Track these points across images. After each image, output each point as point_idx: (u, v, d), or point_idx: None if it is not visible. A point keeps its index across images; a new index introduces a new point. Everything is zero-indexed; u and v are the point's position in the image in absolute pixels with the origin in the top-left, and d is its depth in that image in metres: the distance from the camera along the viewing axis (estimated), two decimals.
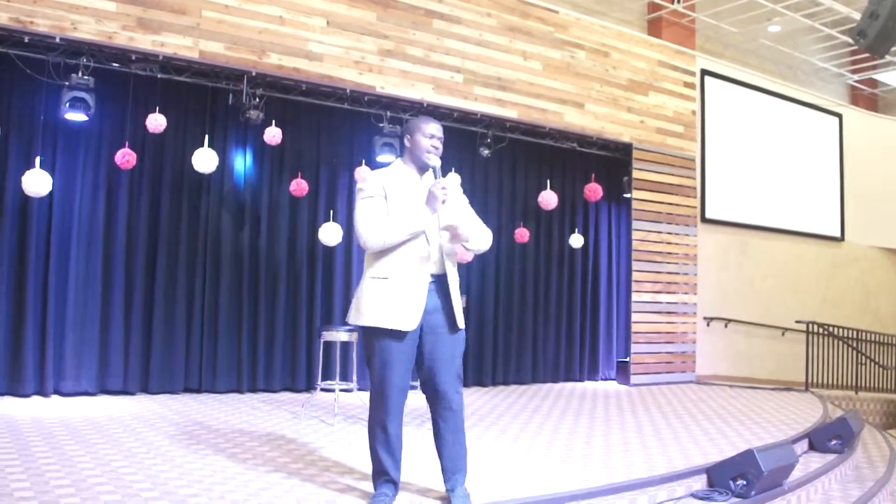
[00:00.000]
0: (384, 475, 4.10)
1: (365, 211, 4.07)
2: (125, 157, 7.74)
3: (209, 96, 8.57)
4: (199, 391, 8.40)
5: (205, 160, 8.06)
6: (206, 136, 8.25)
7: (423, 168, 4.23)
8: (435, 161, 4.18)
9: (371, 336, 4.11)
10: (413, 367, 4.16)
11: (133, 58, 7.68)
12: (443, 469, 4.18)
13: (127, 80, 7.94)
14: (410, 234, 4.03)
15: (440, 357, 4.12)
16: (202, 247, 8.55)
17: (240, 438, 5.92)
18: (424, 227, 4.06)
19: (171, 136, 8.31)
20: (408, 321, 4.01)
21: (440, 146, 4.24)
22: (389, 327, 4.02)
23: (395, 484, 4.12)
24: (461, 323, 4.18)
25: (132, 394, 8.02)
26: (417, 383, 4.33)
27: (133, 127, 8.03)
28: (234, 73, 8.15)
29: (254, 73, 8.12)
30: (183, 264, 8.42)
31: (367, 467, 4.95)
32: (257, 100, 8.27)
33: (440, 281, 4.16)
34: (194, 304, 8.47)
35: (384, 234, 4.01)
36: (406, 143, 4.24)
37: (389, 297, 4.04)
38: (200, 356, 8.45)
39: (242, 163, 8.86)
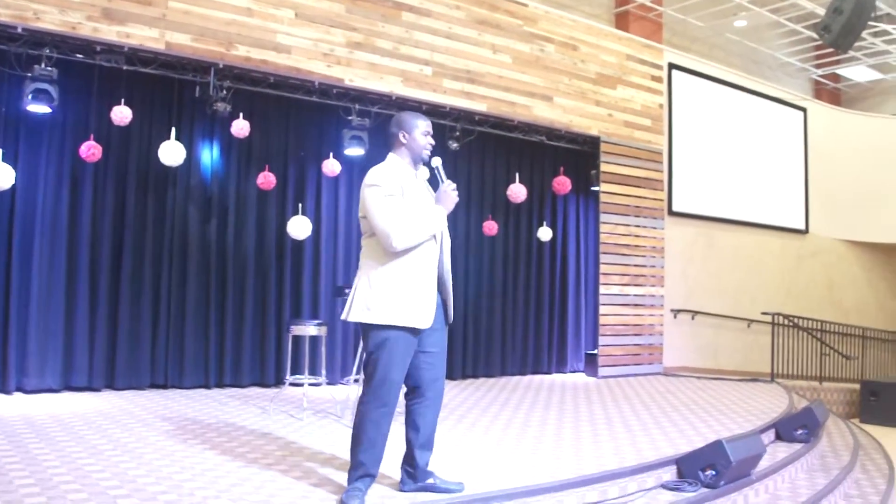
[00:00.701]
0: (362, 468, 4.06)
1: (389, 210, 4.03)
2: (90, 150, 7.63)
3: (176, 88, 8.46)
4: (165, 387, 8.31)
5: (171, 153, 7.96)
6: (173, 129, 8.13)
7: (416, 163, 4.30)
8: (436, 161, 4.31)
9: (380, 333, 4.05)
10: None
11: (98, 49, 7.56)
12: (419, 448, 4.23)
13: (91, 71, 7.83)
14: (432, 234, 4.12)
15: (441, 349, 4.27)
16: (168, 240, 8.45)
17: (208, 434, 5.87)
18: (444, 227, 4.20)
19: (137, 128, 8.20)
20: (425, 319, 4.06)
21: (433, 142, 4.34)
22: (408, 325, 4.03)
23: (371, 477, 4.11)
24: (451, 316, 4.32)
25: (97, 390, 7.91)
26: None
27: (98, 119, 7.92)
28: (201, 64, 8.05)
29: (221, 65, 8.03)
30: (149, 258, 8.32)
31: (338, 461, 4.95)
32: (224, 92, 8.18)
33: (441, 277, 4.25)
34: (160, 299, 8.37)
35: (412, 234, 4.03)
36: (402, 139, 4.26)
37: (406, 296, 4.04)
38: (167, 351, 8.36)
39: (209, 156, 8.76)
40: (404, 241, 4.00)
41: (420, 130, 4.27)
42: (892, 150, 16.15)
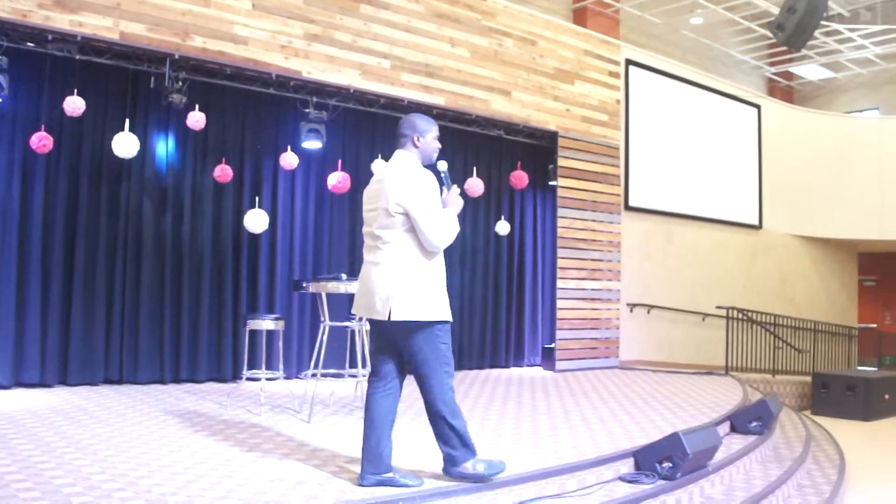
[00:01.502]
0: (471, 441, 4.33)
1: (438, 211, 4.25)
2: (41, 141, 7.48)
3: (130, 79, 8.33)
4: (119, 382, 8.20)
5: (125, 145, 7.83)
6: (127, 120, 8.00)
7: (424, 164, 4.42)
8: (442, 165, 4.50)
9: (435, 329, 4.24)
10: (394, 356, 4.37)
11: (49, 38, 7.41)
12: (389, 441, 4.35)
13: (43, 60, 7.68)
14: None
15: None
16: (123, 234, 8.33)
17: (164, 430, 5.79)
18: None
19: (90, 119, 8.06)
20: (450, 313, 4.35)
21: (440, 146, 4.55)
22: (449, 319, 4.32)
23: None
24: None
25: (50, 386, 7.78)
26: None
27: (50, 109, 7.79)
28: (157, 55, 7.93)
29: (177, 56, 7.92)
30: (102, 252, 8.19)
31: (296, 455, 4.92)
32: (180, 83, 8.07)
33: None
34: (114, 293, 8.25)
35: (452, 234, 4.33)
36: (416, 141, 4.40)
37: (441, 292, 4.33)
38: (121, 346, 8.24)
39: (165, 148, 8.65)
40: (447, 241, 4.29)
41: (433, 135, 4.45)
42: (843, 147, 16.44)
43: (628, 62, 12.70)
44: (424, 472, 4.53)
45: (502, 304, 11.59)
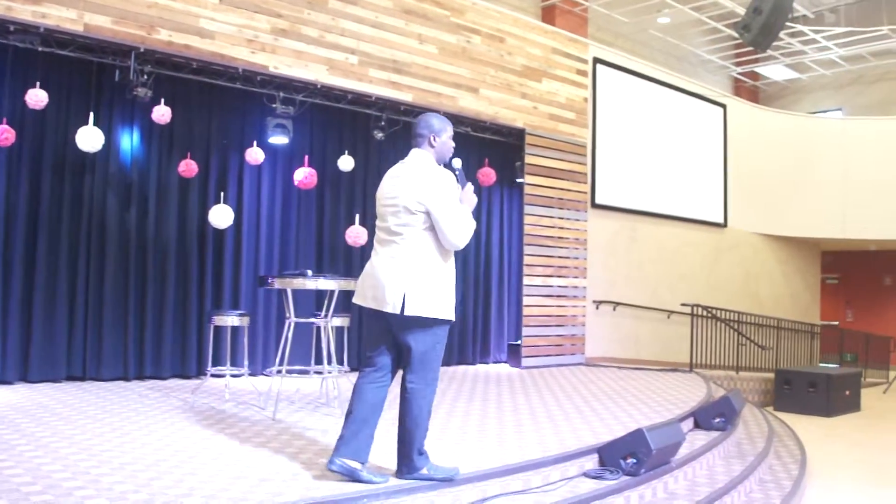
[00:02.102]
0: (423, 446, 4.39)
1: (458, 211, 4.32)
2: (3, 134, 7.38)
3: (94, 72, 8.24)
4: (83, 379, 8.11)
5: (89, 138, 7.74)
6: (91, 114, 7.91)
7: (439, 163, 4.50)
8: (457, 162, 4.53)
9: (441, 327, 4.38)
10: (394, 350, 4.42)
11: (11, 29, 7.28)
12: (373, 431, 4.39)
13: (4, 52, 7.57)
14: None
15: None
16: (86, 229, 8.24)
17: (127, 427, 5.74)
18: None
19: (54, 112, 7.96)
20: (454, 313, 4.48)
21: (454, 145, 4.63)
22: (453, 319, 4.46)
23: None
24: None
25: (10, 383, 7.68)
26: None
27: (12, 102, 7.68)
28: (122, 48, 7.84)
29: (142, 49, 7.83)
30: (65, 247, 8.10)
31: (259, 453, 4.90)
32: (146, 77, 7.98)
33: None
34: (77, 289, 8.16)
35: (469, 234, 4.40)
36: (432, 141, 4.46)
37: (452, 292, 4.46)
38: (84, 343, 8.16)
39: (129, 142, 8.57)
40: (466, 240, 4.37)
41: (448, 134, 4.52)
42: (807, 147, 16.63)
43: (596, 60, 12.75)
44: (388, 470, 4.52)
45: (469, 300, 11.61)
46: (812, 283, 18.74)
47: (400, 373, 4.43)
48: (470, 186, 4.49)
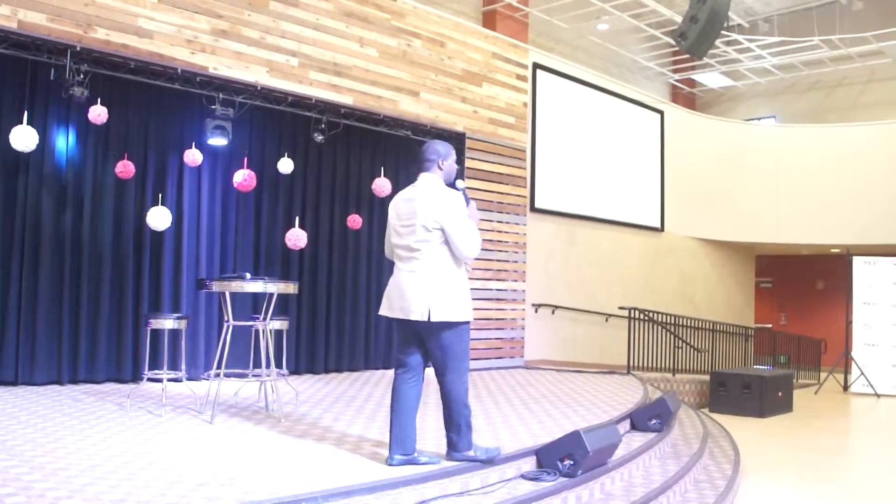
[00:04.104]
0: (471, 427, 5.09)
1: (470, 228, 4.92)
2: None
3: (29, 70, 8.06)
4: (14, 384, 7.94)
5: (23, 138, 7.57)
6: (26, 113, 7.75)
7: (447, 184, 5.06)
8: (461, 183, 5.15)
9: (464, 328, 4.97)
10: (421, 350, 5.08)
11: None
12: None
13: None
14: None
15: None
16: (20, 230, 8.06)
17: (60, 433, 5.65)
18: None
19: None
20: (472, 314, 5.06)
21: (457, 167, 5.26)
22: (473, 319, 5.05)
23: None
24: None
25: None
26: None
27: None
28: (57, 46, 7.70)
29: (78, 48, 7.71)
30: None
31: (198, 456, 4.87)
32: (82, 76, 7.85)
33: None
34: (10, 291, 7.98)
35: (479, 247, 5.01)
36: (440, 165, 5.02)
37: (469, 296, 5.03)
38: (17, 346, 7.98)
39: (65, 142, 8.41)
40: (476, 251, 4.97)
41: (453, 158, 5.08)
42: (741, 153, 17.00)
43: (535, 66, 12.88)
44: (325, 472, 4.53)
45: None
46: (747, 287, 19.14)
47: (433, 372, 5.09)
48: (474, 204, 5.07)
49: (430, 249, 4.87)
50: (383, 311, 5.08)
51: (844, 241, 16.41)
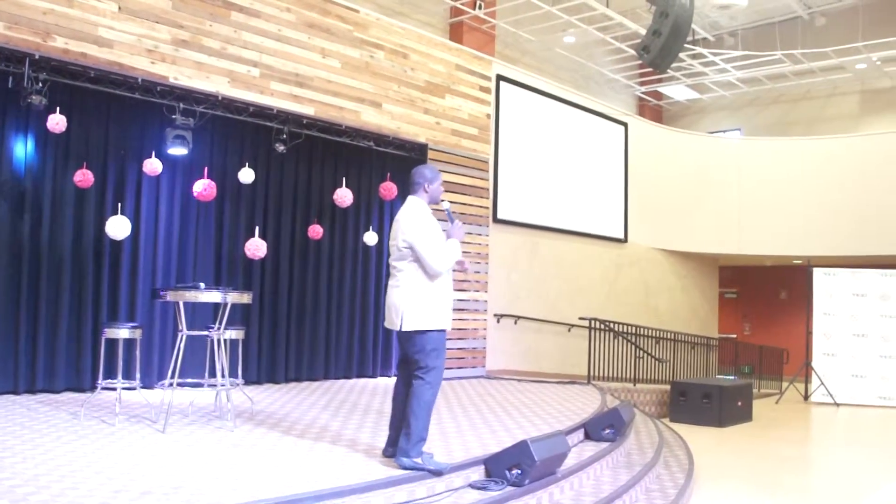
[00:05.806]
0: (424, 437, 5.26)
1: (437, 245, 5.30)
2: None
3: None
4: None
5: None
6: None
7: (431, 204, 5.53)
8: (446, 203, 5.65)
9: (433, 335, 5.28)
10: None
11: None
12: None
13: None
14: (456, 260, 5.43)
15: None
16: None
17: (10, 441, 5.64)
18: (460, 255, 5.48)
19: None
20: (450, 323, 5.43)
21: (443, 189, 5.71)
22: (446, 328, 5.36)
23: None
24: None
25: None
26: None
27: None
28: (15, 54, 7.68)
29: (37, 56, 7.70)
30: None
31: (147, 465, 4.89)
32: (40, 84, 7.83)
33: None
34: None
35: (449, 262, 5.35)
36: (426, 188, 5.49)
37: (441, 306, 5.32)
38: None
39: (23, 150, 8.38)
40: (445, 266, 5.30)
41: (439, 182, 5.54)
42: (705, 165, 17.21)
43: (499, 77, 12.98)
44: (276, 480, 4.55)
45: (370, 313, 11.60)
46: (710, 298, 19.33)
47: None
48: (459, 222, 5.54)
49: (406, 266, 5.30)
50: (386, 324, 5.50)
51: (806, 252, 16.65)
